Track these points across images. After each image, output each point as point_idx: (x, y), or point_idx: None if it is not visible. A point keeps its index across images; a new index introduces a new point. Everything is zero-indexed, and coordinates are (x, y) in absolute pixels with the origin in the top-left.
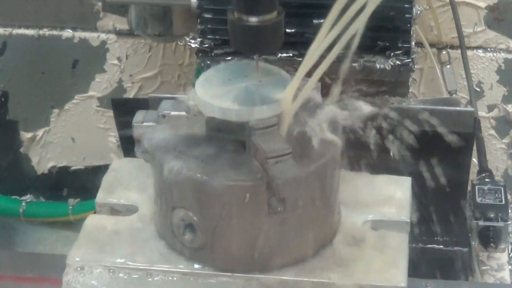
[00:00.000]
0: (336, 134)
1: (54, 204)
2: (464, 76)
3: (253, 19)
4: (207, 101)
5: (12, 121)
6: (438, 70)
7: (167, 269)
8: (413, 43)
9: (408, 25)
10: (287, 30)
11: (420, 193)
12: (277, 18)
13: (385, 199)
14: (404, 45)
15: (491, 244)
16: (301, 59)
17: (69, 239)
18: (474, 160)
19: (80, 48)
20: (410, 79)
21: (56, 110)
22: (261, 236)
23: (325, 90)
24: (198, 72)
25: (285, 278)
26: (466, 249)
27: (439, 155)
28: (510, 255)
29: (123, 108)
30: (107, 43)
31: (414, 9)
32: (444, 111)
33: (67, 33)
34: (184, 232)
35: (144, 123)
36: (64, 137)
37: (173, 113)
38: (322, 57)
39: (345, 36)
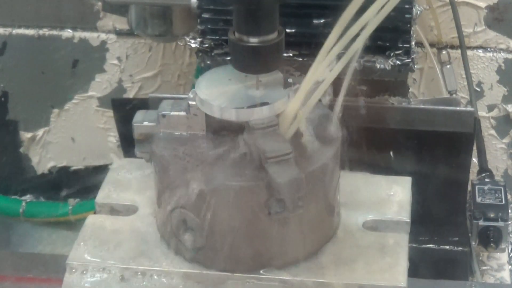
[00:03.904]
0: (336, 134)
1: (54, 204)
2: (464, 76)
3: (254, 40)
4: (207, 101)
5: (12, 121)
6: (438, 70)
7: (167, 269)
8: (413, 43)
9: (408, 25)
10: (287, 30)
11: (420, 193)
12: (277, 38)
13: (385, 199)
14: (404, 45)
15: (491, 244)
16: (301, 59)
17: (69, 239)
18: (474, 160)
19: (80, 48)
20: (410, 79)
21: (56, 110)
22: (261, 236)
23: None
24: (198, 72)
25: (285, 278)
26: (466, 249)
27: (439, 155)
28: (510, 255)
29: (123, 108)
30: (107, 43)
31: (414, 9)
32: (444, 111)
33: (67, 33)
34: (184, 232)
35: (144, 123)
36: (64, 137)
37: (173, 113)
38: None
39: (348, 53)
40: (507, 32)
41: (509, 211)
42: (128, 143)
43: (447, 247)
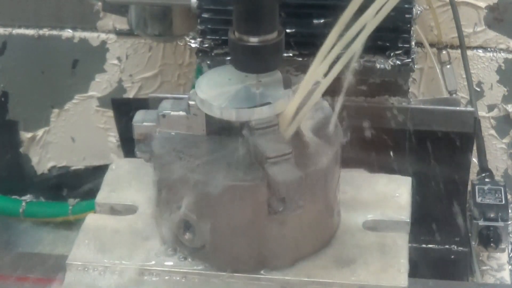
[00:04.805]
0: (336, 134)
1: (54, 204)
2: (464, 76)
3: (254, 39)
4: (207, 101)
5: (12, 121)
6: (438, 70)
7: (167, 269)
8: (413, 43)
9: (408, 25)
10: (287, 30)
11: (421, 193)
12: (277, 38)
13: (385, 199)
14: (404, 45)
15: (491, 244)
16: (301, 59)
17: (69, 239)
18: (474, 160)
19: (80, 48)
20: (410, 79)
21: (56, 110)
22: (261, 236)
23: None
24: (198, 72)
25: (285, 278)
26: (466, 249)
27: (439, 155)
28: (510, 255)
29: (123, 108)
30: (107, 43)
31: (414, 9)
32: (444, 111)
33: (67, 33)
34: (184, 232)
35: (144, 123)
36: (64, 137)
37: (173, 113)
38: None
39: (347, 54)
40: (507, 32)
41: (509, 211)
42: (128, 143)
43: (447, 247)
